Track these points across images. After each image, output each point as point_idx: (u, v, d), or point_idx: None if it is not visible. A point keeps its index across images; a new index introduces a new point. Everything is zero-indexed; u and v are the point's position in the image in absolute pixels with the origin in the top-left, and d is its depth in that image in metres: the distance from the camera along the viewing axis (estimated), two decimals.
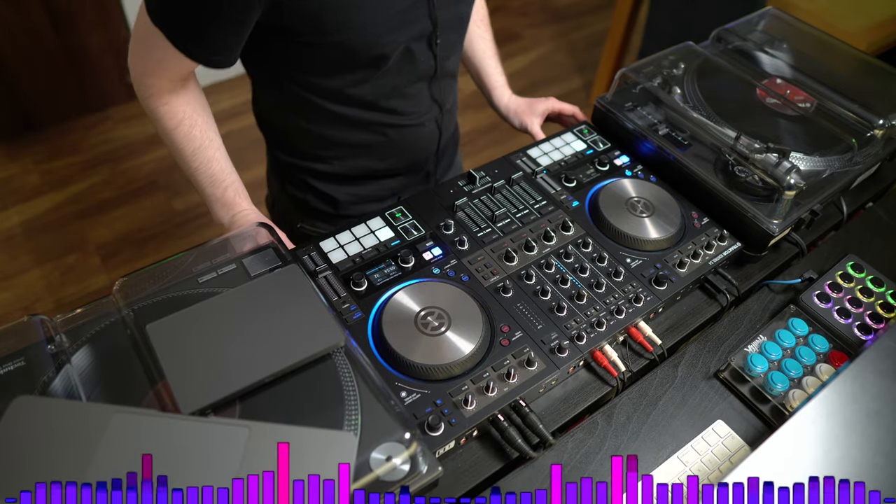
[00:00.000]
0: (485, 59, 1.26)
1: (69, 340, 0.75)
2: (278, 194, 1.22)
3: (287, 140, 1.11)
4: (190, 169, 0.98)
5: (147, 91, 0.94)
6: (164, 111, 0.95)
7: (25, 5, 2.27)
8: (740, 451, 0.81)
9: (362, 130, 1.06)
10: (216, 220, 0.98)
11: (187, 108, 0.96)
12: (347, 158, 1.10)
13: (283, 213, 1.23)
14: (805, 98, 1.18)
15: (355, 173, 1.12)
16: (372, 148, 1.09)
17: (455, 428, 0.75)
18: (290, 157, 1.13)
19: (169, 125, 0.96)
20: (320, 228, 1.19)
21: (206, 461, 0.61)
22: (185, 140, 0.96)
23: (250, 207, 0.98)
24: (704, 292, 1.00)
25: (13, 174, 2.46)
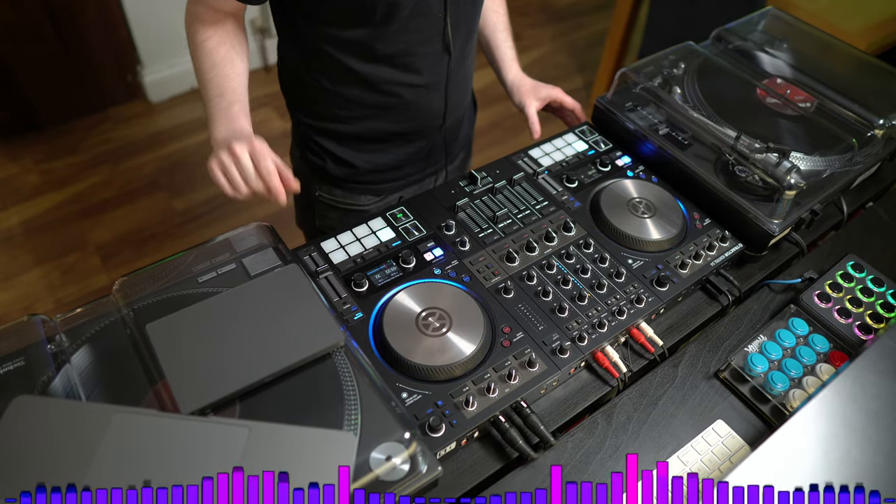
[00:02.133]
0: (496, 31, 1.26)
1: (69, 340, 0.75)
2: (298, 162, 1.24)
3: (308, 101, 1.14)
4: (204, 80, 0.99)
5: (191, 16, 0.99)
6: (197, 28, 0.99)
7: (25, 5, 2.27)
8: (740, 451, 0.80)
9: (377, 90, 1.07)
10: (213, 135, 0.96)
11: (221, 32, 1.00)
12: (363, 119, 1.12)
13: (303, 180, 1.24)
14: (805, 98, 1.18)
15: (371, 135, 1.14)
16: (387, 109, 1.11)
17: (456, 429, 0.75)
18: (309, 119, 1.15)
19: (198, 39, 0.99)
20: (338, 198, 1.21)
21: (206, 461, 0.61)
22: (208, 53, 0.99)
23: (250, 128, 0.98)
24: (705, 292, 0.99)
25: (13, 174, 2.46)
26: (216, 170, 0.92)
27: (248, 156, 0.90)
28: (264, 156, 0.91)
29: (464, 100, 1.21)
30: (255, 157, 0.90)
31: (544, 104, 1.24)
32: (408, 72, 1.06)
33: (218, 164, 0.92)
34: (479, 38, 1.27)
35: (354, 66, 1.04)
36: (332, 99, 1.10)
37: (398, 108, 1.11)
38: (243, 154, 0.90)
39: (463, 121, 1.25)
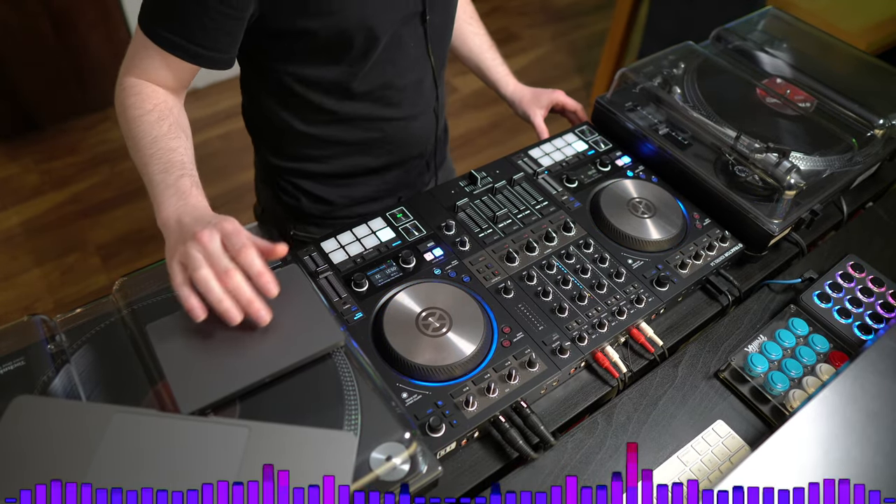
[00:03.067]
0: (482, 53, 1.26)
1: (69, 340, 0.75)
2: (269, 202, 1.19)
3: (280, 142, 1.09)
4: (144, 157, 0.81)
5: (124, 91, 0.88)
6: (132, 102, 0.86)
7: (25, 5, 2.27)
8: (740, 451, 0.80)
9: (357, 127, 1.05)
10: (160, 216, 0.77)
11: (162, 107, 0.87)
12: (342, 157, 1.09)
13: (275, 221, 1.21)
14: (805, 98, 1.18)
15: (350, 171, 1.11)
16: (367, 145, 1.08)
17: (456, 429, 0.75)
18: (282, 161, 1.11)
19: (132, 114, 0.85)
20: (314, 234, 1.17)
21: (206, 461, 0.61)
22: (147, 128, 0.84)
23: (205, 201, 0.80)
24: (705, 292, 0.99)
25: (13, 174, 2.46)
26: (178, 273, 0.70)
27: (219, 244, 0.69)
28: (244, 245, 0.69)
29: (441, 125, 1.20)
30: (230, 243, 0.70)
31: (548, 110, 1.25)
32: (388, 106, 1.04)
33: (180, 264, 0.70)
34: (468, 64, 1.28)
35: (331, 106, 1.00)
36: (307, 140, 1.05)
37: (379, 143, 1.08)
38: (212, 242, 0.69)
39: (441, 142, 1.23)
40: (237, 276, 0.68)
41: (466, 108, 2.88)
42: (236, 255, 0.69)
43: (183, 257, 0.69)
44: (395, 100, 1.04)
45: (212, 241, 0.69)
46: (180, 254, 0.70)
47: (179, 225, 0.73)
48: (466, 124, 2.80)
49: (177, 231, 0.73)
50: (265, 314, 0.70)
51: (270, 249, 0.72)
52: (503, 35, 3.28)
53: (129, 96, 0.86)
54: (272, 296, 0.70)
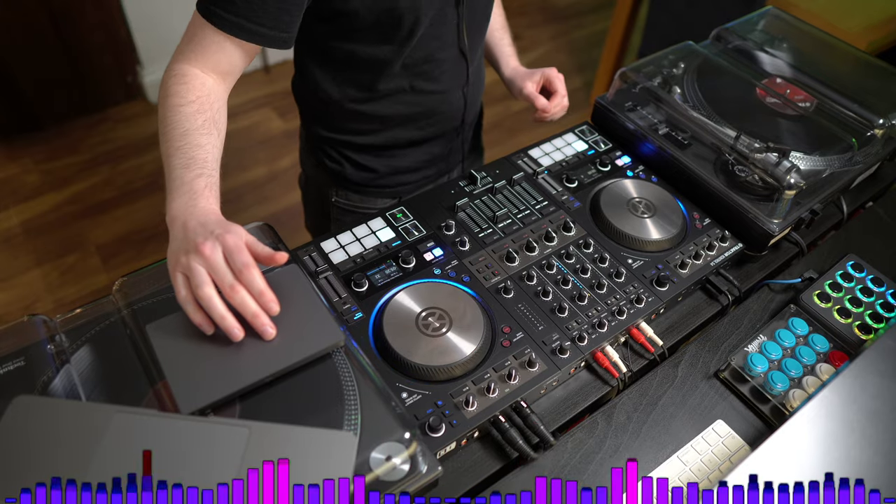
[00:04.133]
0: (493, 30, 1.26)
1: (69, 340, 0.75)
2: (313, 170, 1.23)
3: (326, 115, 1.13)
4: (171, 149, 0.82)
5: (174, 76, 0.87)
6: (177, 89, 0.85)
7: (25, 5, 2.27)
8: (740, 451, 0.80)
9: (399, 102, 1.08)
10: (169, 207, 0.77)
11: (204, 100, 0.86)
12: (385, 130, 1.12)
13: (319, 186, 1.24)
14: (805, 98, 1.18)
15: (392, 143, 1.15)
16: (408, 119, 1.11)
17: (456, 429, 0.75)
18: (327, 132, 1.14)
19: (174, 102, 0.84)
20: (355, 202, 1.21)
21: (206, 461, 0.61)
22: (182, 120, 0.83)
23: (217, 206, 0.79)
24: (705, 292, 0.99)
25: (13, 174, 2.46)
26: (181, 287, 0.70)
27: (222, 258, 0.69)
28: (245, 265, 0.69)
29: (479, 99, 1.23)
30: (232, 260, 0.69)
31: (540, 85, 1.20)
32: (428, 80, 1.07)
33: (183, 276, 0.70)
34: None
35: (378, 83, 1.04)
36: (353, 115, 1.10)
37: (419, 116, 1.11)
38: (214, 255, 0.68)
39: (478, 118, 1.27)
40: (241, 291, 0.69)
41: None
42: (238, 274, 0.69)
43: (186, 270, 0.70)
44: (434, 73, 1.06)
45: (213, 255, 0.69)
46: (183, 266, 0.70)
47: (184, 228, 0.73)
48: None
49: (181, 234, 0.72)
50: (270, 329, 0.71)
51: (270, 256, 0.72)
52: None
53: (175, 84, 0.86)
54: (273, 314, 0.71)
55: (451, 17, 1.01)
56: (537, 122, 1.20)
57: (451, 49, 1.05)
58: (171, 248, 0.73)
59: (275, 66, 2.97)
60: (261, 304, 0.70)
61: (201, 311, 0.70)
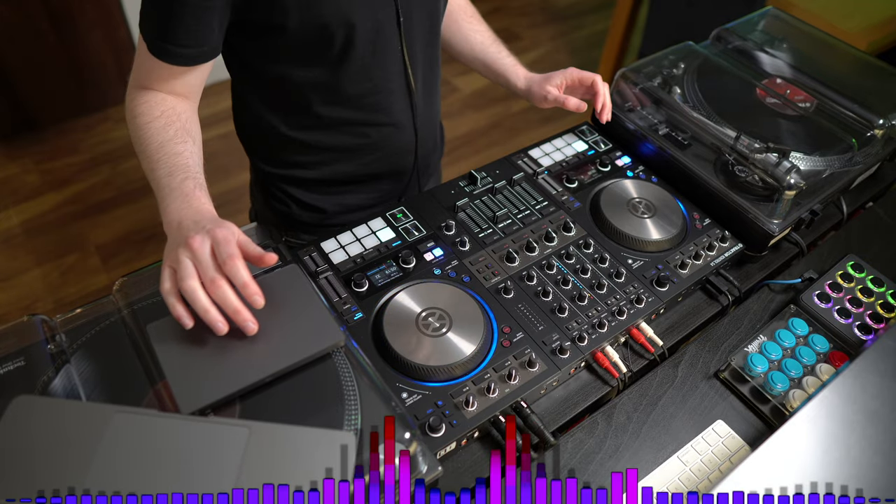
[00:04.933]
0: (485, 49, 1.21)
1: (69, 340, 0.75)
2: (262, 207, 1.19)
3: (268, 148, 1.09)
4: (151, 161, 0.83)
5: (135, 99, 0.88)
6: (142, 108, 0.87)
7: (25, 5, 2.27)
8: (740, 451, 0.81)
9: (344, 133, 1.04)
10: (164, 214, 0.78)
11: (170, 114, 0.87)
12: (330, 163, 1.08)
13: (268, 225, 1.20)
14: (805, 98, 1.18)
15: (339, 178, 1.10)
16: (353, 151, 1.07)
17: (456, 429, 0.75)
18: (271, 167, 1.10)
19: (141, 121, 0.86)
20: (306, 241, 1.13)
21: (207, 461, 0.61)
22: (154, 134, 0.85)
23: (209, 203, 0.80)
24: (705, 293, 0.99)
25: (13, 174, 2.46)
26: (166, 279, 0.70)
27: (208, 251, 0.69)
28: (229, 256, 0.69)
29: (434, 132, 1.18)
30: (218, 251, 0.69)
31: (563, 88, 1.13)
32: (375, 112, 1.03)
33: (170, 269, 0.71)
34: (473, 65, 1.23)
35: (317, 109, 1.00)
36: (294, 145, 1.05)
37: (366, 149, 1.07)
38: (202, 248, 0.69)
39: (434, 152, 1.21)
40: (223, 286, 0.68)
41: (466, 108, 2.88)
42: (222, 265, 0.69)
43: (173, 262, 0.70)
44: (382, 105, 1.03)
45: (202, 248, 0.69)
46: (171, 259, 0.70)
47: (179, 228, 0.73)
48: (466, 124, 2.80)
49: (176, 233, 0.73)
50: (251, 325, 0.70)
51: (260, 257, 0.72)
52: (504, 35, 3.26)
53: (138, 105, 0.87)
54: (258, 307, 0.70)
55: (395, 46, 0.97)
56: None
57: (397, 80, 1.01)
58: (166, 247, 0.74)
59: None
60: (245, 295, 0.69)
61: (181, 304, 0.69)
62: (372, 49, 0.95)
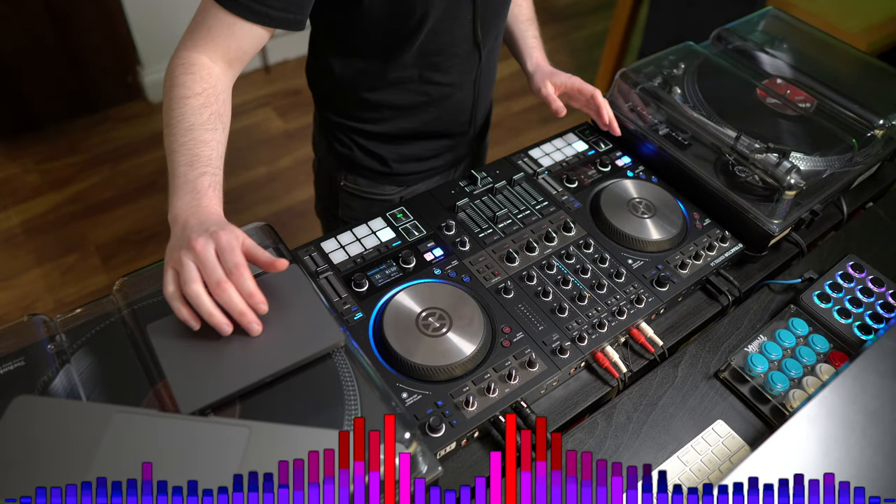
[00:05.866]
0: (518, 22, 1.24)
1: (69, 340, 0.75)
2: (324, 153, 1.24)
3: (337, 101, 1.14)
4: (175, 144, 0.80)
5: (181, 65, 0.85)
6: (184, 80, 0.84)
7: (25, 5, 2.27)
8: (740, 451, 0.81)
9: (408, 92, 1.08)
10: (172, 205, 0.77)
11: (210, 92, 0.85)
12: (393, 119, 1.13)
13: (329, 170, 1.25)
14: (805, 98, 1.18)
15: (401, 133, 1.15)
16: (417, 109, 1.12)
17: (456, 429, 0.75)
18: (338, 118, 1.15)
19: (180, 93, 0.83)
20: (363, 187, 1.21)
21: (207, 461, 0.61)
22: (187, 113, 0.82)
23: (220, 207, 0.79)
24: (705, 293, 0.99)
25: (13, 174, 2.46)
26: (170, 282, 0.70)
27: (213, 255, 0.69)
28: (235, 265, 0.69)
29: (489, 95, 1.23)
30: (224, 259, 0.69)
31: (561, 90, 1.15)
32: (438, 71, 1.07)
33: (173, 272, 0.70)
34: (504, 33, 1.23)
35: (387, 72, 1.04)
36: (364, 102, 1.10)
37: (428, 107, 1.12)
38: (206, 251, 0.68)
39: (487, 115, 1.28)
40: (228, 289, 0.68)
41: None
42: (228, 274, 0.69)
43: (177, 265, 0.70)
44: (444, 66, 1.07)
45: (205, 250, 0.69)
46: (174, 261, 0.70)
47: (184, 227, 0.73)
48: None
49: (180, 232, 0.73)
50: (256, 326, 0.71)
51: (270, 263, 0.72)
52: None
53: (181, 74, 0.84)
54: (262, 313, 0.71)
55: (465, 12, 1.01)
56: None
57: (464, 43, 1.06)
58: (169, 245, 0.73)
59: (275, 65, 2.97)
60: (250, 304, 0.70)
61: (187, 307, 0.69)
62: (443, 17, 0.98)
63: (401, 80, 1.06)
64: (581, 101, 1.14)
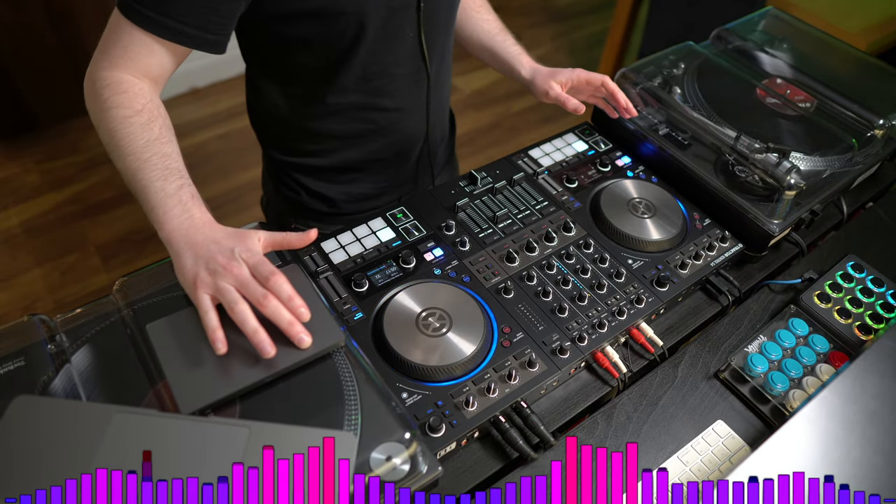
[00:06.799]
0: (492, 38, 1.19)
1: (69, 340, 0.75)
2: (272, 195, 1.21)
3: (280, 136, 1.11)
4: (138, 161, 0.78)
5: (103, 86, 0.81)
6: (120, 99, 0.80)
7: (25, 5, 2.27)
8: (740, 452, 0.81)
9: (351, 118, 1.04)
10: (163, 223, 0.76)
11: (150, 107, 0.82)
12: (339, 151, 1.09)
13: (278, 213, 1.22)
14: (805, 98, 1.18)
15: (346, 165, 1.11)
16: (360, 137, 1.08)
17: (456, 429, 0.75)
18: (282, 155, 1.12)
19: (123, 113, 0.80)
20: None
21: (207, 461, 0.61)
22: (139, 129, 0.79)
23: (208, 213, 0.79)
24: (705, 293, 1.00)
25: (13, 174, 2.46)
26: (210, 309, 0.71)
27: (248, 272, 0.71)
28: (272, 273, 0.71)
29: (443, 119, 1.17)
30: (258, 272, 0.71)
31: (567, 87, 1.11)
32: (383, 96, 1.02)
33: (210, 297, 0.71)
34: (482, 54, 1.22)
35: (328, 96, 1.00)
36: (305, 133, 1.06)
37: (375, 135, 1.07)
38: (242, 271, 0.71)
39: (443, 141, 1.21)
40: (274, 301, 0.70)
41: (466, 108, 2.88)
42: (264, 282, 0.71)
43: (213, 290, 0.71)
44: (389, 90, 1.02)
45: (241, 271, 0.71)
46: (208, 286, 0.71)
47: (192, 245, 0.73)
48: (467, 124, 2.80)
49: (190, 252, 0.73)
50: (306, 337, 0.71)
51: (299, 240, 0.77)
52: None
53: (113, 94, 0.81)
54: (304, 320, 0.72)
55: (408, 28, 0.96)
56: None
57: (409, 63, 1.01)
58: (184, 267, 0.73)
59: None
60: (290, 309, 0.71)
61: (220, 332, 0.70)
62: (383, 34, 0.94)
63: (343, 106, 1.02)
64: (588, 92, 1.12)
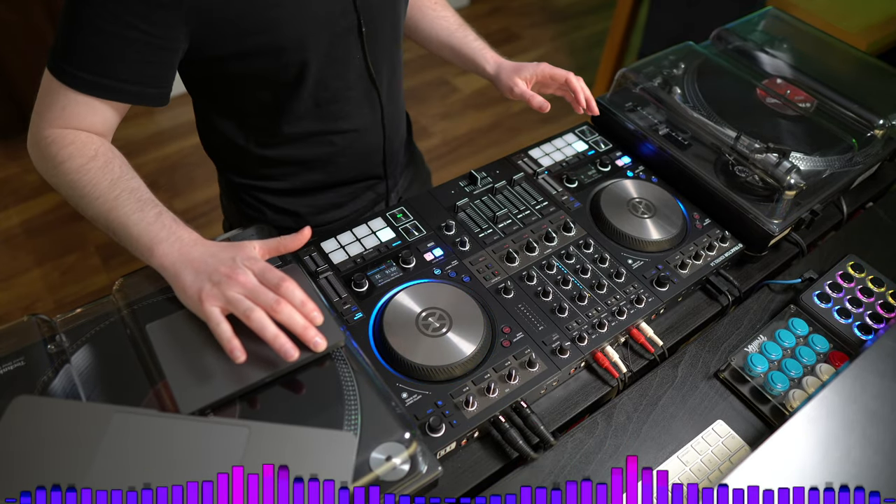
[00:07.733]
0: (451, 35, 1.15)
1: (69, 340, 0.75)
2: (235, 217, 1.17)
3: (238, 163, 1.07)
4: (108, 202, 0.77)
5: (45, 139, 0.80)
6: (70, 150, 0.79)
7: (25, 5, 2.27)
8: (740, 451, 0.81)
9: (308, 143, 1.02)
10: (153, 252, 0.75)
11: (104, 150, 0.81)
12: (299, 174, 1.06)
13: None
14: (805, 98, 1.18)
15: (310, 186, 1.09)
16: (321, 161, 1.05)
17: (456, 429, 0.75)
18: (241, 178, 1.08)
19: (78, 163, 0.78)
20: None
21: (207, 461, 0.61)
22: (100, 173, 0.78)
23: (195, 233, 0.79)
24: (705, 293, 0.99)
25: (13, 174, 2.46)
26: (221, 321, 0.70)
27: (256, 280, 0.71)
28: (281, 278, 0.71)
29: (400, 128, 1.14)
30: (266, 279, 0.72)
31: (532, 82, 1.09)
32: (338, 119, 1.00)
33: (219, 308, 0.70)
34: (442, 52, 1.18)
35: (281, 127, 0.97)
36: (264, 161, 1.03)
37: (335, 157, 1.05)
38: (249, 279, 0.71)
39: (402, 143, 1.18)
40: (286, 306, 0.70)
41: (467, 108, 2.88)
42: (275, 289, 0.71)
43: (223, 302, 0.70)
44: (342, 113, 1.00)
45: (249, 279, 0.71)
46: (216, 298, 0.70)
47: (189, 262, 0.73)
48: (467, 124, 2.80)
49: (188, 269, 0.73)
50: (321, 340, 0.71)
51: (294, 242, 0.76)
52: (504, 35, 3.28)
53: (61, 148, 0.79)
54: (318, 323, 0.71)
55: (353, 52, 0.94)
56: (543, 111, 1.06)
57: (359, 84, 0.98)
58: (185, 285, 0.72)
59: None
60: (304, 312, 0.71)
61: (236, 340, 0.69)
62: (333, 63, 0.92)
63: (300, 135, 0.99)
64: (553, 87, 1.10)
